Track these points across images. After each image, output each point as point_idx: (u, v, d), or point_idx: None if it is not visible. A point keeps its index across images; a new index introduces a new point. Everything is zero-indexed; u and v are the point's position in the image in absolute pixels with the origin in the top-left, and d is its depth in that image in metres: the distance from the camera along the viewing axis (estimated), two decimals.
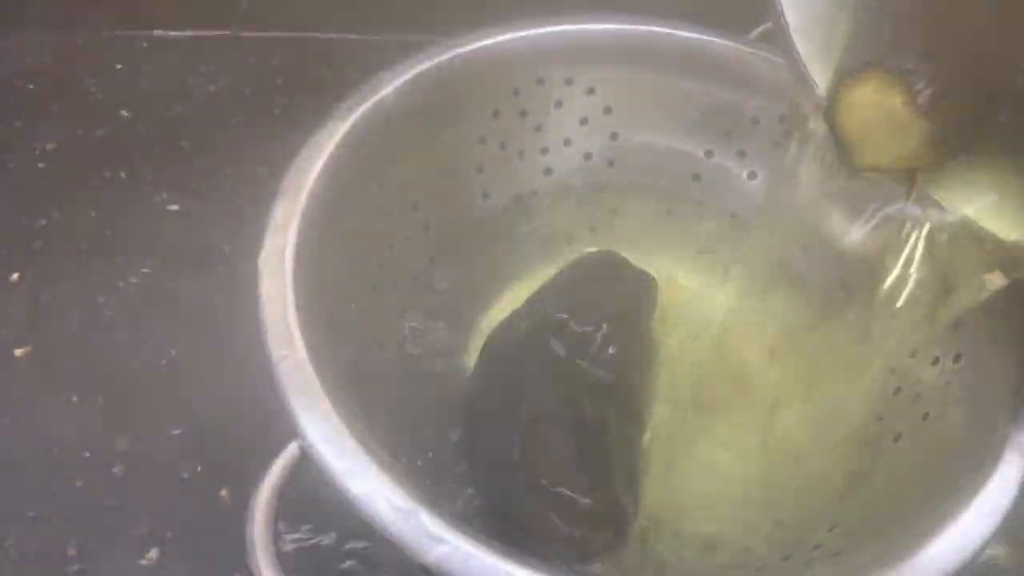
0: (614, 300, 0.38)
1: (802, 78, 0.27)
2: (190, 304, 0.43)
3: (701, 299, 0.42)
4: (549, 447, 0.33)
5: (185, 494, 0.37)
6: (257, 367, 0.27)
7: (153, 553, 0.35)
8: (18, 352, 0.41)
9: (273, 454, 0.27)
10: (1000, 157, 0.24)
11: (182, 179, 0.33)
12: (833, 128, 0.26)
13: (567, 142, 0.42)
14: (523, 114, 0.40)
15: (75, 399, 0.40)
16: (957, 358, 0.31)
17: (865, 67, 0.25)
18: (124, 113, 0.52)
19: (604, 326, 0.35)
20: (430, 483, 0.32)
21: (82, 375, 0.40)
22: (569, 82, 0.40)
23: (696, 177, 0.42)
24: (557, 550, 0.31)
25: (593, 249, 0.42)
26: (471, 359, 0.38)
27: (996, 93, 0.24)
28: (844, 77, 0.25)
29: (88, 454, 0.38)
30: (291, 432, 0.26)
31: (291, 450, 0.27)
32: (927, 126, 0.24)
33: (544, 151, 0.42)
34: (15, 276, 0.44)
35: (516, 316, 0.38)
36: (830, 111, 0.26)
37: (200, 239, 0.45)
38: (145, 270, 0.44)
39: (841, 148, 0.26)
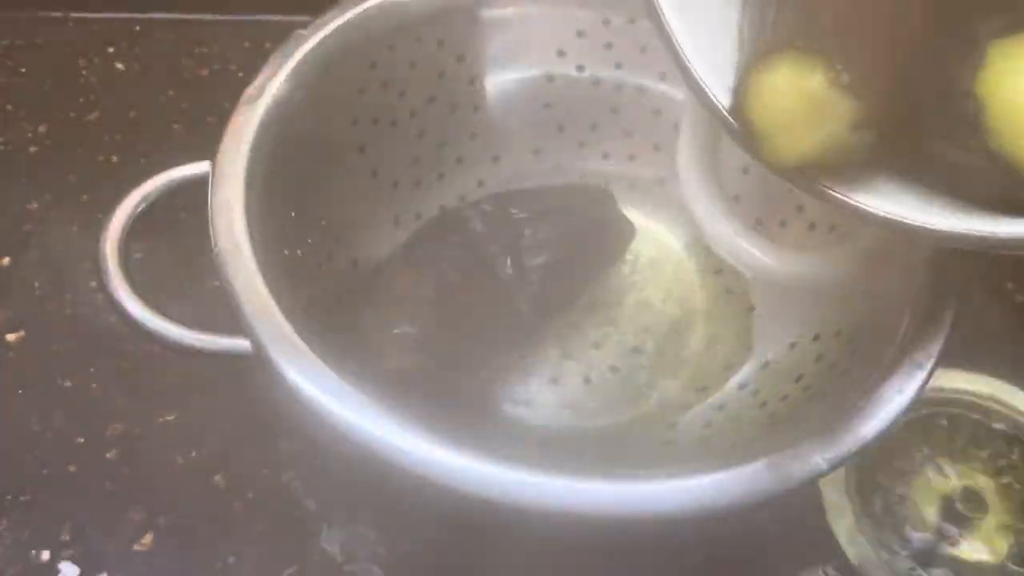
0: (579, 228, 0.39)
1: (690, 78, 0.24)
2: (185, 287, 0.43)
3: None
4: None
5: (179, 480, 0.37)
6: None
7: (147, 538, 0.35)
8: (10, 337, 0.41)
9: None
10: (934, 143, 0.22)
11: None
12: (743, 124, 0.23)
13: None
14: None
15: (68, 384, 0.39)
16: None
17: (775, 51, 0.21)
18: (116, 96, 0.51)
19: (544, 236, 0.38)
20: None
21: (75, 360, 0.40)
22: None
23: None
24: None
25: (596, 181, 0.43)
26: None
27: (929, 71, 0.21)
28: (749, 67, 0.22)
29: (82, 439, 0.38)
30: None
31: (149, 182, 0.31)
32: (854, 103, 0.21)
33: None
34: (7, 260, 0.43)
35: (487, 199, 0.40)
36: (738, 107, 0.23)
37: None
38: (137, 255, 0.43)
39: (754, 145, 0.23)
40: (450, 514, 0.34)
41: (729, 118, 0.23)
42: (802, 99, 0.21)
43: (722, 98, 0.24)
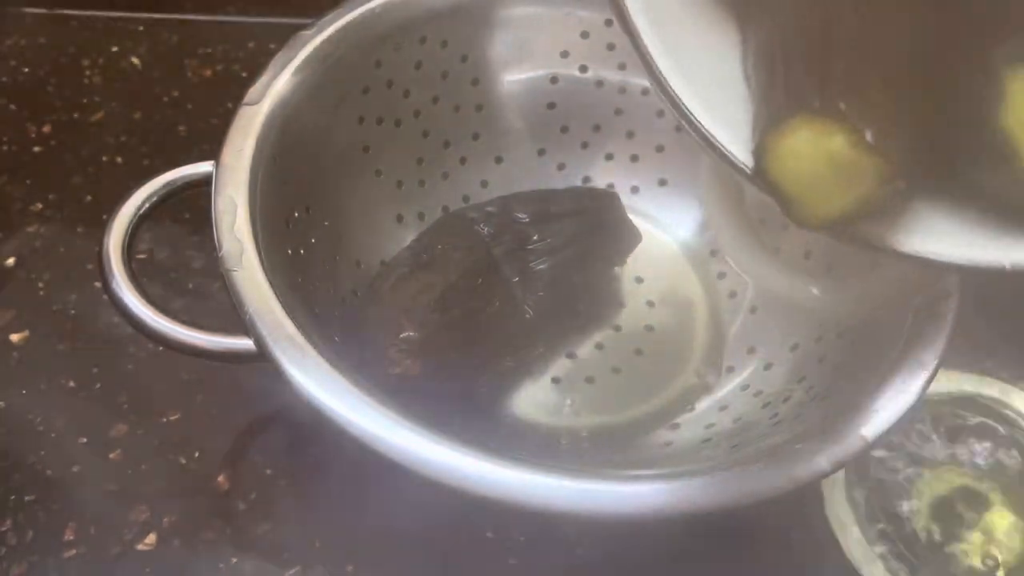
0: (583, 230, 0.40)
1: (712, 147, 0.23)
2: (189, 287, 0.43)
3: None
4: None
5: (183, 480, 0.37)
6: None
7: (150, 538, 0.35)
8: (14, 337, 0.41)
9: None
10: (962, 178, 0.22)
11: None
12: (770, 188, 0.22)
13: None
14: None
15: (72, 384, 0.39)
16: None
17: (791, 115, 0.21)
18: (120, 97, 0.51)
19: (549, 238, 0.38)
20: None
21: (79, 360, 0.40)
22: None
23: None
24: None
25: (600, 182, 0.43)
26: None
27: (946, 108, 0.21)
28: (767, 131, 0.21)
29: (85, 439, 0.38)
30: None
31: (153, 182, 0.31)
32: (879, 162, 0.20)
33: None
34: (11, 260, 0.44)
35: (491, 200, 0.40)
36: (761, 171, 0.22)
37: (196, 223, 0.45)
38: (142, 255, 0.43)
39: (784, 206, 0.22)
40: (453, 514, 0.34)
41: (756, 179, 0.22)
42: (827, 163, 0.20)
43: (741, 156, 0.23)
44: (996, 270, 0.22)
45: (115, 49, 0.54)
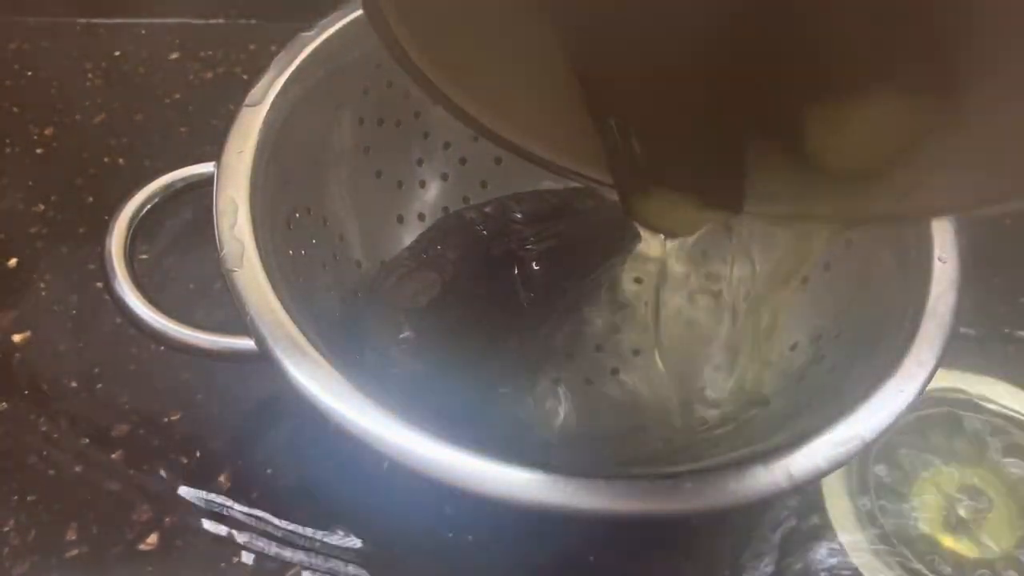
0: (582, 231, 0.40)
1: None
2: (190, 288, 0.43)
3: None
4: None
5: (184, 480, 0.37)
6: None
7: (152, 538, 0.35)
8: (17, 338, 0.41)
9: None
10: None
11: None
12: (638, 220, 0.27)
13: None
14: None
15: (74, 384, 0.40)
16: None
17: (642, 190, 0.26)
18: (122, 99, 0.52)
19: (548, 239, 0.38)
20: None
21: (81, 361, 0.40)
22: None
23: None
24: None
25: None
26: None
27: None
28: (628, 200, 0.26)
29: (87, 440, 0.38)
30: None
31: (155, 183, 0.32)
32: (724, 209, 0.25)
33: None
34: (13, 261, 0.44)
35: (491, 201, 0.40)
36: (629, 214, 0.27)
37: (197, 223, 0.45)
38: (143, 256, 0.44)
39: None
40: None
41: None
42: (682, 216, 0.26)
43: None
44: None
45: (117, 53, 0.54)
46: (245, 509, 0.36)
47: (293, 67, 0.34)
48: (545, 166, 0.27)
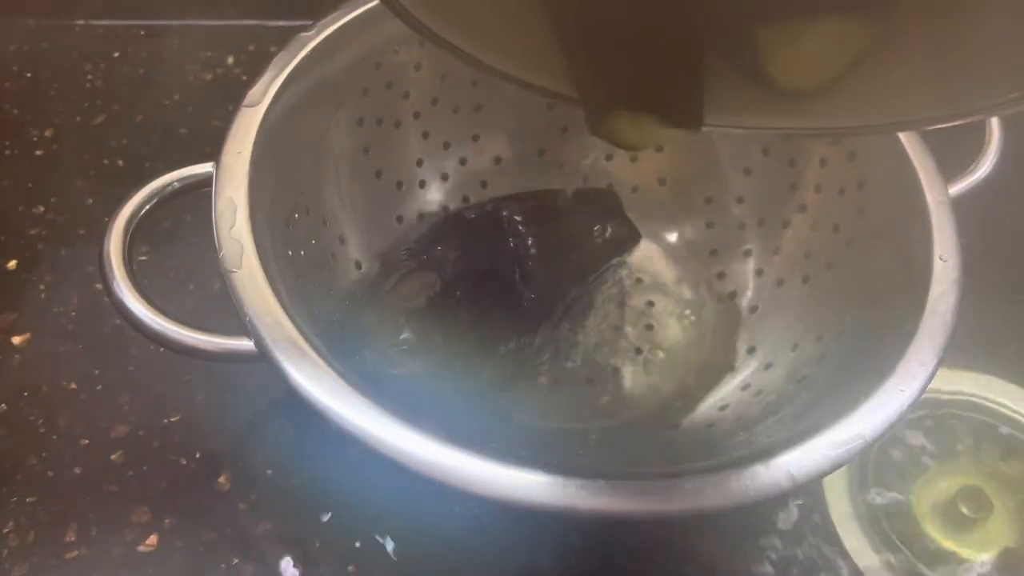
0: (582, 230, 0.40)
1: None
2: (190, 289, 0.43)
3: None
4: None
5: (184, 481, 0.37)
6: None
7: (152, 539, 0.35)
8: (16, 339, 0.41)
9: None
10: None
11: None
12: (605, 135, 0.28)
13: None
14: None
15: (73, 386, 0.39)
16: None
17: (611, 111, 0.26)
18: (122, 100, 0.52)
19: (548, 238, 0.38)
20: None
21: (80, 362, 0.40)
22: None
23: None
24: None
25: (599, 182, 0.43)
26: None
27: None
28: (596, 120, 0.27)
29: (87, 441, 0.38)
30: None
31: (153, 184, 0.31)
32: (680, 128, 0.26)
33: None
34: (13, 263, 0.44)
35: (489, 203, 0.40)
36: (596, 133, 0.27)
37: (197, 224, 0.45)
38: (143, 257, 0.44)
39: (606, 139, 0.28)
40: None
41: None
42: (644, 137, 0.27)
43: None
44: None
45: (116, 54, 0.54)
46: (245, 510, 0.36)
47: (292, 67, 0.34)
48: (524, 86, 0.27)
